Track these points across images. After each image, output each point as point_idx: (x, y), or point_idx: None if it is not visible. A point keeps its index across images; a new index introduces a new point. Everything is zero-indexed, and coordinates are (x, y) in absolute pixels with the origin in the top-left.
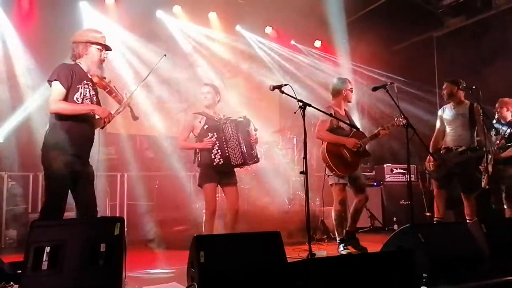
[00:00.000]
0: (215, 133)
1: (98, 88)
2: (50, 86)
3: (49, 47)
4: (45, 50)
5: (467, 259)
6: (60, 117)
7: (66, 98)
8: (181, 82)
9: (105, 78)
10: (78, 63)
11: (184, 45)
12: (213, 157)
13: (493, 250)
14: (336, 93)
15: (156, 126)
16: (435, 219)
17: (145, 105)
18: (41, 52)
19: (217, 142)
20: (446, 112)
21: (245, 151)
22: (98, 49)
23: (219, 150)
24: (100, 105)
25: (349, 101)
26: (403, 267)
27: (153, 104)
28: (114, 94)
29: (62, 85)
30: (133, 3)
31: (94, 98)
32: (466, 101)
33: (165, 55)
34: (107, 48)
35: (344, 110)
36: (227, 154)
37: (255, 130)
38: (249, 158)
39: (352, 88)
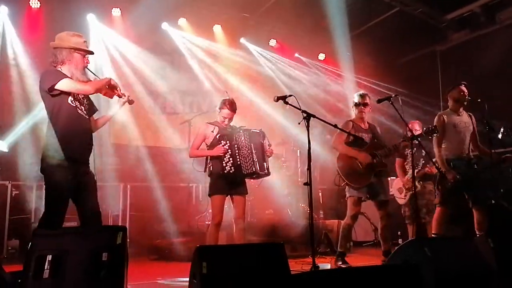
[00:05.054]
0: (227, 141)
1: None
2: (52, 92)
3: None
4: None
5: (475, 275)
6: (61, 122)
7: (64, 99)
8: (186, 93)
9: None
10: (59, 69)
11: (188, 57)
12: (224, 165)
13: (501, 266)
14: (354, 108)
15: (160, 137)
16: (432, 235)
17: (148, 116)
18: (48, 64)
19: (229, 149)
20: (452, 119)
21: (257, 161)
22: (82, 55)
23: (230, 158)
24: (90, 111)
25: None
26: (408, 282)
27: (156, 115)
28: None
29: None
30: (139, 16)
31: (85, 101)
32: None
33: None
34: (90, 52)
35: (368, 123)
36: (239, 162)
37: (269, 145)
38: (261, 169)
39: (364, 103)
